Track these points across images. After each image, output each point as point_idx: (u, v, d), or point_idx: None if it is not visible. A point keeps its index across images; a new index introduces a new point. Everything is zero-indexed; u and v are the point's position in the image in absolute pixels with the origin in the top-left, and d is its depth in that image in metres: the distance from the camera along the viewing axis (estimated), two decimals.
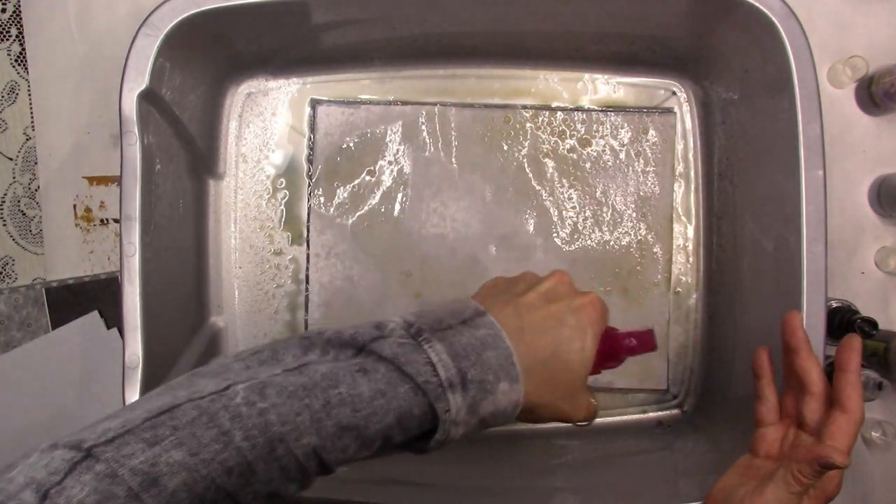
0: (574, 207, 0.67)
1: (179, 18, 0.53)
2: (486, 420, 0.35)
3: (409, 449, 0.35)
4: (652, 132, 0.67)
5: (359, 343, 0.33)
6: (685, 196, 0.67)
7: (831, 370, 0.58)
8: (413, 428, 0.33)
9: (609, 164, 0.67)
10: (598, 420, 0.66)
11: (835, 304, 0.62)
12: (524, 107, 0.67)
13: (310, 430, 0.31)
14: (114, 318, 0.65)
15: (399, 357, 0.32)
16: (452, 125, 0.67)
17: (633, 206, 0.67)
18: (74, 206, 0.66)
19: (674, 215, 0.67)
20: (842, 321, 0.59)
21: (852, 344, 0.41)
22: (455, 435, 0.34)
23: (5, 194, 0.66)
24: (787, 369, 0.44)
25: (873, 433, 0.63)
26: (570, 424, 0.40)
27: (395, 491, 0.57)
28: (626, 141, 0.67)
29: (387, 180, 0.67)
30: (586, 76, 0.68)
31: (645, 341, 0.42)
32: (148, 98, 0.53)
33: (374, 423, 0.32)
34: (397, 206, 0.67)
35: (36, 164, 0.66)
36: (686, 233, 0.67)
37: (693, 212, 0.67)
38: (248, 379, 0.31)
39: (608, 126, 0.67)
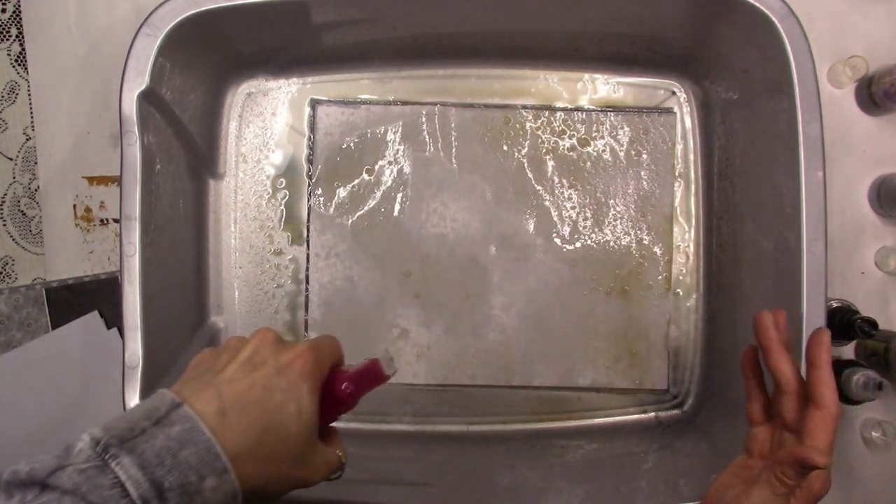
0: (574, 207, 0.67)
1: (179, 18, 0.53)
2: None
3: None
4: (652, 132, 0.67)
5: (37, 479, 0.29)
6: (685, 196, 0.67)
7: (834, 369, 0.58)
8: None
9: (609, 164, 0.67)
10: (598, 420, 0.67)
11: (835, 304, 0.62)
12: (524, 107, 0.67)
13: None
14: (114, 318, 0.65)
15: (81, 487, 0.29)
16: (452, 125, 0.67)
17: (633, 206, 0.67)
18: (74, 206, 0.66)
19: (674, 215, 0.67)
20: (842, 321, 0.59)
21: (820, 339, 0.40)
22: None
23: (5, 194, 0.66)
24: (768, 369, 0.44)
25: (873, 433, 0.63)
26: (565, 425, 0.39)
27: (395, 491, 0.57)
28: (626, 141, 0.67)
29: (387, 180, 0.67)
30: (586, 76, 0.68)
31: (369, 379, 0.40)
32: (148, 98, 0.53)
33: None
34: (397, 206, 0.67)
35: (36, 164, 0.66)
36: (686, 233, 0.67)
37: (693, 212, 0.67)
38: None
39: (608, 126, 0.67)
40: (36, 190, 0.66)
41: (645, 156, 0.67)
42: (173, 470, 0.30)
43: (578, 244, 0.67)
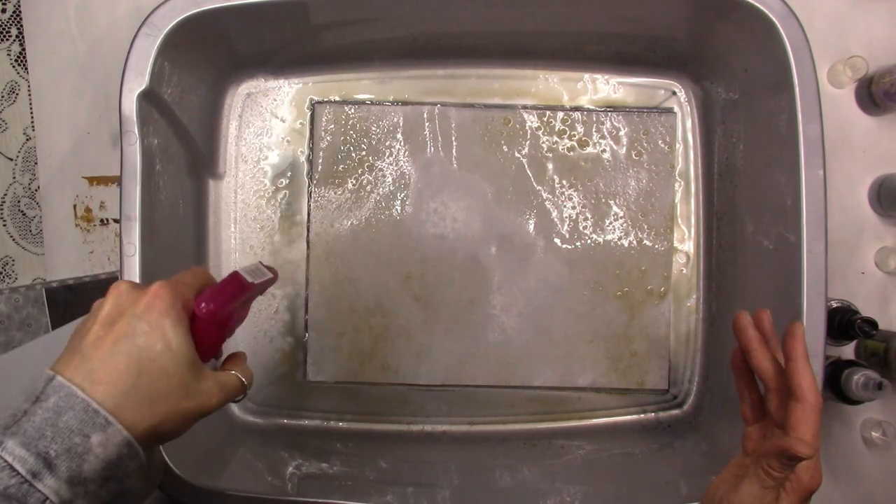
0: (574, 207, 0.67)
1: (179, 18, 0.53)
2: (109, 476, 0.33)
3: None
4: (652, 132, 0.67)
5: None
6: (685, 196, 0.67)
7: (834, 369, 0.58)
8: None
9: (609, 164, 0.67)
10: (598, 420, 0.67)
11: (835, 304, 0.62)
12: (524, 107, 0.67)
13: None
14: None
15: None
16: (452, 125, 0.67)
17: (634, 206, 0.67)
18: (74, 207, 0.66)
19: (674, 215, 0.67)
20: (842, 321, 0.59)
21: (794, 331, 0.40)
22: None
23: (5, 194, 0.66)
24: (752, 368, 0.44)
25: (873, 433, 0.63)
26: (565, 425, 0.39)
27: (394, 491, 0.57)
28: (626, 141, 0.67)
29: (387, 180, 0.67)
30: (586, 76, 0.68)
31: (229, 291, 0.39)
32: (148, 98, 0.53)
33: None
34: (397, 206, 0.67)
35: (36, 164, 0.66)
36: (686, 233, 0.67)
37: (693, 212, 0.67)
38: None
39: (608, 126, 0.67)
40: (36, 190, 0.66)
41: (645, 156, 0.67)
42: (56, 438, 0.32)
43: (578, 244, 0.67)
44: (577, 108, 0.67)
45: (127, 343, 0.35)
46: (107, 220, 0.66)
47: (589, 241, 0.67)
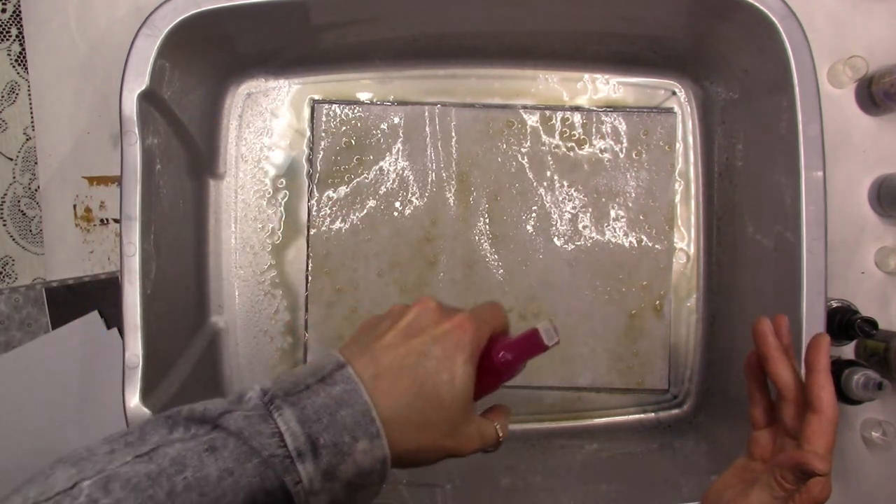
0: (574, 207, 0.67)
1: (179, 18, 0.53)
2: (353, 483, 0.33)
3: None
4: (652, 132, 0.67)
5: (209, 418, 0.32)
6: (685, 196, 0.67)
7: (834, 369, 0.58)
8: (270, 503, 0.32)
9: (609, 164, 0.67)
10: (598, 420, 0.67)
11: (835, 304, 0.62)
12: (524, 107, 0.67)
13: None
14: (114, 318, 0.65)
15: (245, 431, 0.31)
16: (452, 125, 0.67)
17: (633, 206, 0.67)
18: (74, 206, 0.66)
19: (674, 215, 0.67)
20: (842, 321, 0.59)
21: (819, 343, 0.40)
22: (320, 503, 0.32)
23: (5, 194, 0.66)
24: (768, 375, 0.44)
25: (873, 433, 0.63)
26: (564, 425, 0.39)
27: (394, 491, 0.57)
28: (626, 141, 0.67)
29: (387, 180, 0.67)
30: (586, 76, 0.68)
31: (526, 347, 0.39)
32: (148, 98, 0.53)
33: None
34: (397, 206, 0.67)
35: (36, 164, 0.66)
36: (686, 233, 0.67)
37: (693, 212, 0.67)
38: (97, 472, 0.30)
39: (608, 126, 0.67)
40: (36, 190, 0.66)
41: (645, 156, 0.67)
42: (329, 428, 0.32)
43: (578, 244, 0.67)
44: (577, 108, 0.67)
45: (417, 361, 0.35)
46: (107, 220, 0.66)
47: (589, 241, 0.67)
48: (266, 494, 0.31)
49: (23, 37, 0.66)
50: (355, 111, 0.67)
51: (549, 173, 0.67)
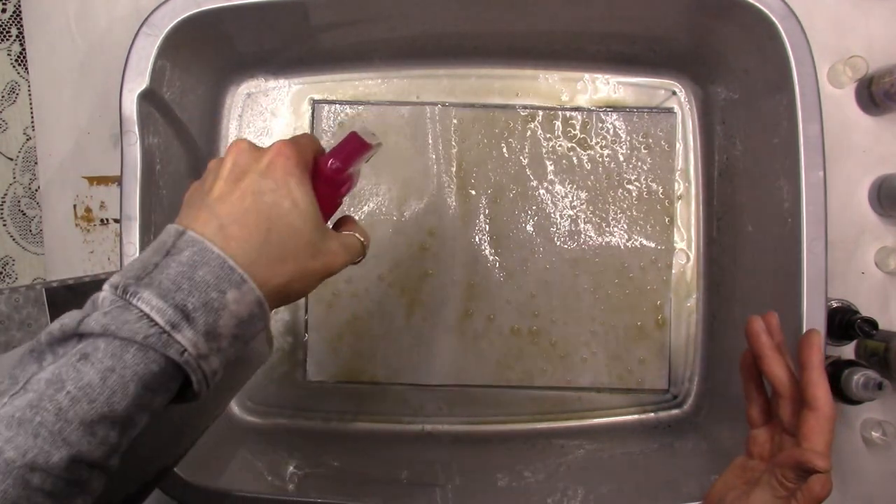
0: (574, 207, 0.67)
1: (179, 18, 0.53)
2: (238, 335, 0.33)
3: (182, 401, 0.34)
4: (652, 132, 0.67)
5: (69, 331, 0.31)
6: (685, 196, 0.67)
7: (833, 370, 0.58)
8: (166, 384, 0.32)
9: (609, 163, 0.67)
10: (598, 420, 0.67)
11: (835, 304, 0.62)
12: (524, 107, 0.67)
13: (56, 444, 0.29)
14: None
15: (110, 326, 0.30)
16: (453, 125, 0.67)
17: (633, 206, 0.67)
18: (74, 206, 0.66)
19: (674, 215, 0.67)
20: (842, 321, 0.59)
21: (811, 340, 0.40)
22: (214, 366, 0.32)
23: (5, 194, 0.66)
24: (763, 373, 0.44)
25: (873, 433, 0.63)
26: (565, 425, 0.39)
27: (394, 491, 0.57)
28: (626, 141, 0.67)
29: (387, 180, 0.67)
30: (586, 76, 0.68)
31: (350, 150, 0.39)
32: (148, 98, 0.53)
33: (120, 402, 0.30)
34: (397, 206, 0.67)
35: (36, 164, 0.66)
36: (686, 233, 0.67)
37: (693, 212, 0.67)
38: None
39: (608, 126, 0.67)
40: (36, 190, 0.66)
41: (645, 156, 0.67)
42: (193, 291, 0.31)
43: (578, 244, 0.67)
44: (577, 108, 0.67)
45: (255, 199, 0.34)
46: (107, 220, 0.66)
47: (589, 241, 0.67)
48: (156, 377, 0.31)
49: (23, 37, 0.66)
50: (355, 111, 0.67)
51: (549, 173, 0.67)
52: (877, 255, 0.65)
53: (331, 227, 0.41)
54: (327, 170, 0.38)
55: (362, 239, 0.40)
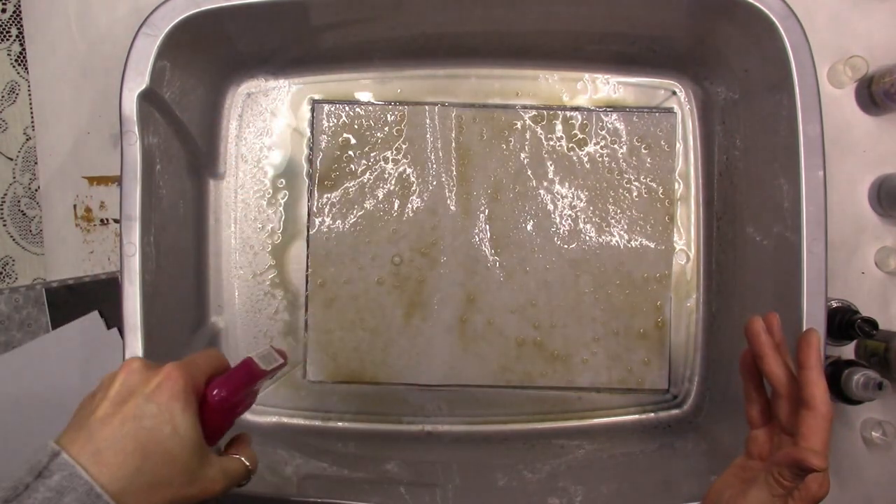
0: (574, 207, 0.67)
1: (179, 18, 0.53)
2: None
3: None
4: (652, 132, 0.67)
5: None
6: (685, 196, 0.67)
7: (833, 370, 0.58)
8: None
9: (609, 163, 0.67)
10: (598, 420, 0.67)
11: (835, 304, 0.62)
12: (524, 107, 0.67)
13: None
14: (114, 318, 0.65)
15: None
16: (452, 125, 0.67)
17: (633, 206, 0.67)
18: (74, 206, 0.66)
19: (674, 215, 0.67)
20: (842, 321, 0.59)
21: (809, 340, 0.40)
22: None
23: (5, 194, 0.66)
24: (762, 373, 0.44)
25: (873, 433, 0.63)
26: (565, 425, 0.38)
27: (394, 491, 0.57)
28: (626, 141, 0.67)
29: (386, 180, 0.67)
30: (586, 76, 0.68)
31: (240, 378, 0.40)
32: (148, 98, 0.53)
33: None
34: (397, 206, 0.67)
35: (36, 164, 0.66)
36: (686, 233, 0.67)
37: (693, 212, 0.67)
38: None
39: (608, 126, 0.67)
40: (36, 190, 0.66)
41: (645, 156, 0.67)
42: None
43: (578, 244, 0.67)
44: (577, 108, 0.67)
45: (135, 425, 0.35)
46: (107, 220, 0.66)
47: (589, 241, 0.67)
48: None
49: (23, 37, 0.66)
50: (355, 111, 0.67)
51: (549, 173, 0.67)
52: (877, 255, 0.65)
53: (223, 446, 0.42)
54: (211, 398, 0.38)
55: (248, 463, 0.40)
